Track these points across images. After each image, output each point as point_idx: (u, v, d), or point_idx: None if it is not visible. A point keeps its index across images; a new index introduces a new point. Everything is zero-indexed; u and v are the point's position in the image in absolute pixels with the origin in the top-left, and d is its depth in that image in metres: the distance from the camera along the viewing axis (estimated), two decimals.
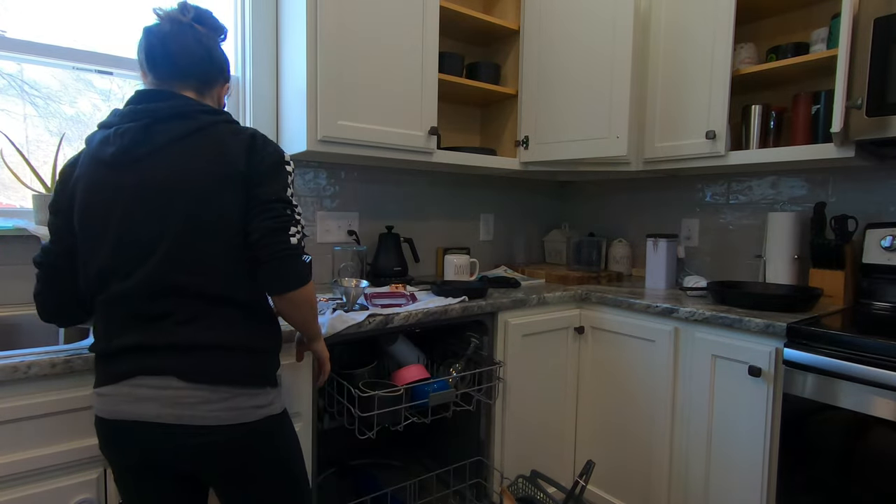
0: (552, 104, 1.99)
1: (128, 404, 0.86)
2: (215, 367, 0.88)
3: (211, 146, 0.90)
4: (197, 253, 0.89)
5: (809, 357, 1.28)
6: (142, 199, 0.88)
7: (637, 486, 1.74)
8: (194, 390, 0.87)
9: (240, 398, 0.90)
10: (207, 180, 0.89)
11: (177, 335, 0.88)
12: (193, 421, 0.87)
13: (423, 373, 1.51)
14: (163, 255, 0.87)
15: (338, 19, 1.56)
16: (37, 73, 1.51)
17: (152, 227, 0.88)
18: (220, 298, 0.91)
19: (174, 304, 0.88)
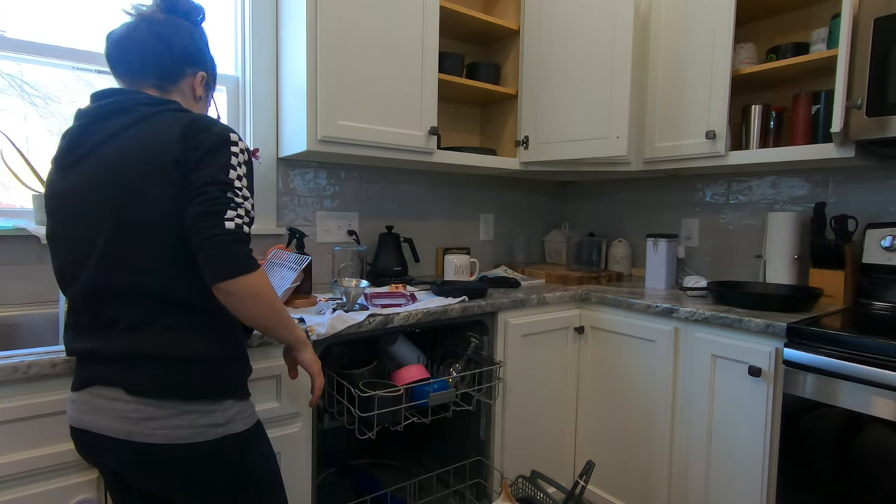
0: (552, 104, 1.99)
1: (87, 413, 0.83)
2: (162, 380, 0.81)
3: (146, 137, 0.83)
4: (135, 252, 0.81)
5: (809, 357, 1.28)
6: (79, 200, 0.84)
7: (637, 486, 1.74)
8: (140, 405, 0.80)
9: (190, 415, 0.81)
10: (139, 173, 0.81)
11: (122, 343, 0.81)
12: (140, 438, 0.80)
13: (423, 373, 1.51)
14: (99, 257, 0.82)
15: (338, 19, 1.56)
16: (37, 73, 1.51)
17: (89, 228, 0.83)
18: (167, 300, 0.83)
19: (120, 308, 0.82)
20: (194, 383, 0.83)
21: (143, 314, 0.82)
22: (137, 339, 0.82)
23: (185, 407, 0.81)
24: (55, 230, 0.88)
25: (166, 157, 0.82)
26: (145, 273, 0.82)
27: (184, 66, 0.95)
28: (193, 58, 0.96)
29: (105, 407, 0.82)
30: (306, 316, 1.33)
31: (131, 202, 0.81)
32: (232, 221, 0.81)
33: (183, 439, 0.81)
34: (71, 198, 0.85)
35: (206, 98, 1.01)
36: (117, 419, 0.81)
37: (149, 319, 0.82)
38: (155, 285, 0.82)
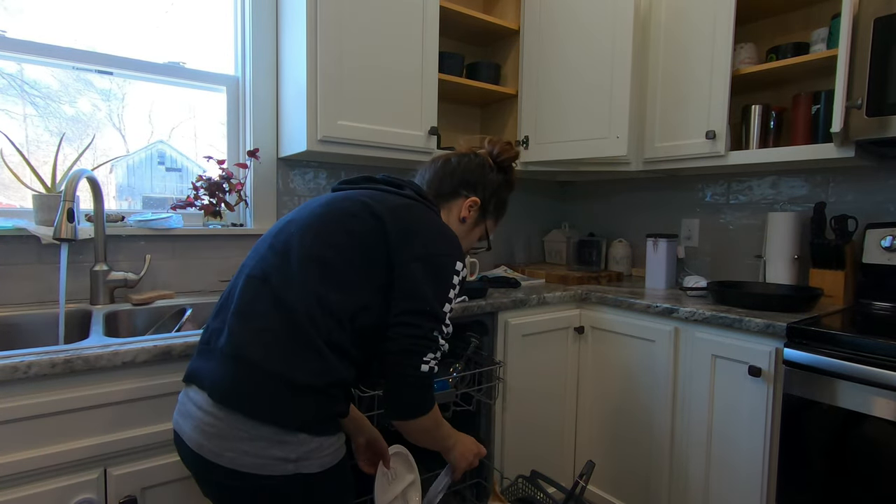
0: (552, 104, 1.99)
1: (181, 417, 0.86)
2: (249, 394, 0.77)
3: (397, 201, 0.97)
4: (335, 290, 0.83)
5: (809, 357, 1.28)
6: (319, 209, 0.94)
7: (637, 486, 1.74)
8: (215, 419, 0.78)
9: (262, 443, 0.75)
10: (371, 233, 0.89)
11: (241, 338, 0.81)
12: (210, 456, 0.78)
13: None
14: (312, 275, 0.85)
15: (337, 19, 1.56)
16: (37, 73, 1.51)
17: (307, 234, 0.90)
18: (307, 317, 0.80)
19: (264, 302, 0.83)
20: (289, 409, 0.77)
21: (277, 316, 0.82)
22: (254, 339, 0.80)
23: (257, 431, 0.76)
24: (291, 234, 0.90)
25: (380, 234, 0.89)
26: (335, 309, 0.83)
27: (460, 188, 1.10)
28: (472, 185, 1.10)
29: (190, 413, 0.83)
30: None
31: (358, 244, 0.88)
32: (427, 365, 0.85)
33: (248, 468, 0.76)
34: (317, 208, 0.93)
35: (472, 222, 1.12)
36: (195, 429, 0.81)
37: (275, 322, 0.81)
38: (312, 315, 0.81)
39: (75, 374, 0.97)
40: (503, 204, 1.17)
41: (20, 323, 1.32)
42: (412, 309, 0.85)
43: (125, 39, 1.62)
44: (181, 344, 1.07)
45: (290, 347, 0.79)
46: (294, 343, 0.79)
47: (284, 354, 0.79)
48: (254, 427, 0.76)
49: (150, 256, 1.60)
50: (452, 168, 1.10)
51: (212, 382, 0.80)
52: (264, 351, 0.79)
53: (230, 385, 0.78)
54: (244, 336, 0.81)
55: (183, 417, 0.85)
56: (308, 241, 0.87)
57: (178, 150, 1.81)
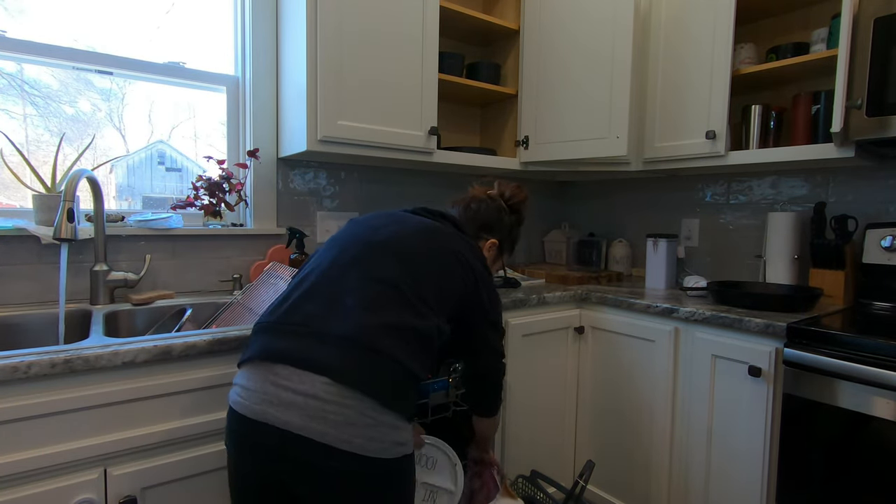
0: (552, 104, 1.99)
1: (273, 407, 0.82)
2: (376, 379, 0.84)
3: (472, 253, 1.11)
4: (431, 279, 0.98)
5: (809, 357, 1.28)
6: (419, 227, 1.07)
7: (637, 486, 1.74)
8: (340, 406, 0.81)
9: (384, 428, 0.84)
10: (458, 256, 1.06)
11: (348, 325, 0.86)
12: (338, 444, 0.81)
13: None
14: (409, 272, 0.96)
15: (338, 19, 1.56)
16: (37, 73, 1.51)
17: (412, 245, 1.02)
18: (418, 312, 0.92)
19: (373, 287, 0.91)
20: (404, 395, 0.87)
21: (392, 303, 0.91)
22: (366, 316, 0.87)
23: (379, 416, 0.83)
24: (378, 234, 1.02)
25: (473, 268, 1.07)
26: (425, 294, 0.96)
27: (481, 232, 1.28)
28: (491, 228, 1.28)
29: (295, 402, 0.82)
30: None
31: (453, 263, 1.04)
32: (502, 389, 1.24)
33: (375, 453, 0.83)
34: (416, 225, 1.07)
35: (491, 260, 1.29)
36: (311, 419, 0.81)
37: (389, 307, 0.90)
38: (417, 313, 0.93)
39: (75, 374, 0.97)
40: (516, 240, 1.36)
41: (20, 323, 1.32)
42: (494, 349, 1.17)
43: (125, 39, 1.62)
44: (181, 344, 1.07)
45: (416, 346, 0.90)
46: (419, 343, 0.91)
47: (413, 352, 0.89)
48: (381, 413, 0.83)
49: (150, 256, 1.60)
50: (473, 214, 1.28)
51: (338, 367, 0.83)
52: (396, 345, 0.87)
53: (359, 371, 0.83)
54: (376, 329, 0.87)
55: (276, 404, 0.82)
56: (423, 266, 1.00)
57: (178, 150, 1.81)
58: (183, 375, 1.08)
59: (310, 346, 0.85)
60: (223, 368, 1.13)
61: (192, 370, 1.10)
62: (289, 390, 0.83)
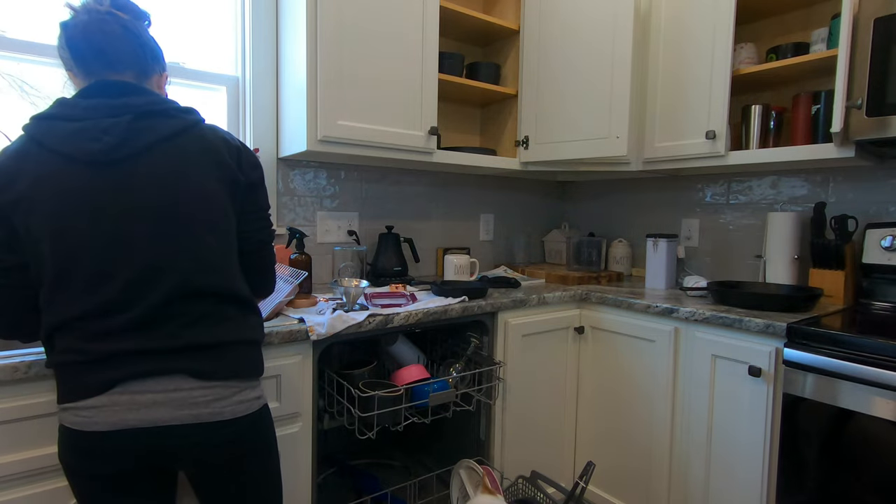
0: (552, 104, 1.99)
1: (132, 412, 0.83)
2: (228, 364, 0.90)
3: (204, 149, 0.93)
4: (206, 253, 0.90)
5: (809, 357, 1.28)
6: (141, 199, 0.85)
7: (637, 486, 1.74)
8: (207, 388, 0.87)
9: (246, 391, 0.93)
10: (210, 183, 0.91)
11: (183, 338, 0.87)
12: (212, 418, 0.88)
13: (423, 373, 1.51)
14: (175, 257, 0.87)
15: (338, 19, 1.56)
16: (37, 73, 1.51)
17: (156, 228, 0.86)
18: (227, 296, 0.93)
19: (180, 307, 0.87)
20: (249, 365, 0.94)
21: (205, 309, 0.90)
22: (201, 330, 0.89)
23: (243, 384, 0.92)
24: (72, 232, 0.83)
25: (231, 173, 0.95)
26: (215, 272, 0.92)
27: (154, 64, 0.97)
28: (160, 57, 0.99)
29: (159, 400, 0.84)
30: (306, 316, 1.33)
31: (208, 208, 0.91)
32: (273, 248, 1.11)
33: (243, 412, 0.91)
34: (123, 196, 0.85)
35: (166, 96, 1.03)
36: (181, 407, 0.85)
37: (209, 313, 0.90)
38: (221, 282, 0.92)
39: None
40: None
41: None
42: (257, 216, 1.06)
43: None
44: None
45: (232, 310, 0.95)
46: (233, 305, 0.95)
47: (237, 319, 0.95)
48: (241, 382, 0.92)
49: None
50: (140, 39, 0.93)
51: (185, 368, 0.87)
52: (218, 327, 0.92)
53: (204, 365, 0.88)
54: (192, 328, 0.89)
55: (136, 408, 0.83)
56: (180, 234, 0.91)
57: None
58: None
59: (146, 363, 0.84)
60: None
61: None
62: (146, 393, 0.84)
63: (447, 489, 1.77)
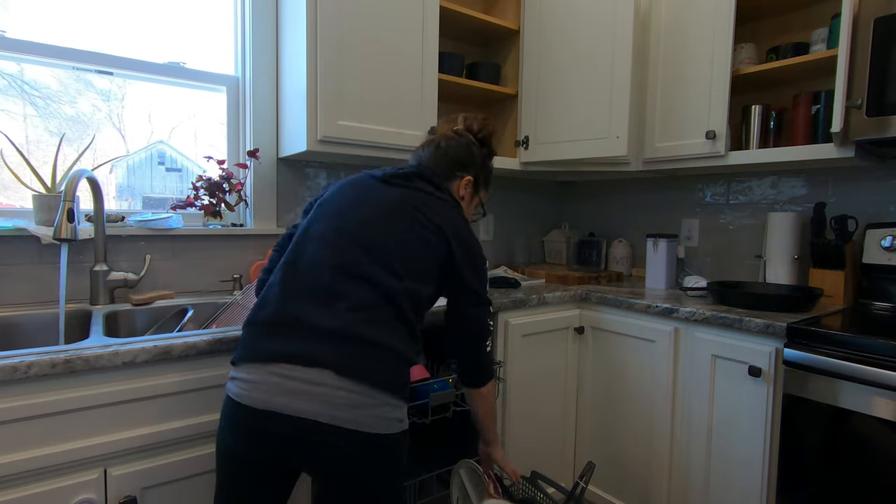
0: (552, 104, 1.99)
1: (281, 396, 0.86)
2: (371, 367, 0.90)
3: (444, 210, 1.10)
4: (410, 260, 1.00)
5: (809, 357, 1.28)
6: (392, 208, 1.05)
7: (637, 486, 1.74)
8: (347, 392, 0.87)
9: (386, 408, 0.91)
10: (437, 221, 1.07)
11: (348, 323, 0.90)
12: (346, 424, 0.87)
13: (423, 373, 1.50)
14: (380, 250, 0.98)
15: (338, 19, 1.56)
16: (37, 73, 1.51)
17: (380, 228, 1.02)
18: (394, 300, 0.96)
19: (353, 287, 0.94)
20: (395, 378, 0.93)
21: (371, 300, 0.94)
22: (359, 320, 0.92)
23: (384, 399, 0.91)
24: (347, 208, 1.05)
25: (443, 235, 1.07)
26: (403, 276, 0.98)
27: (455, 170, 1.22)
28: (464, 165, 1.22)
29: (303, 390, 0.86)
30: None
31: (426, 230, 1.05)
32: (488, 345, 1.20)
33: (382, 429, 0.90)
34: (381, 204, 1.05)
35: (469, 198, 1.25)
36: (321, 404, 0.86)
37: (373, 304, 0.94)
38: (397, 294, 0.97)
39: (75, 374, 0.98)
40: (490, 173, 1.32)
41: (20, 323, 1.32)
42: (478, 300, 1.13)
43: (125, 39, 1.62)
44: (181, 344, 1.07)
45: (401, 329, 0.96)
46: (403, 326, 0.97)
47: (400, 335, 0.96)
48: (381, 395, 0.90)
49: (150, 256, 1.60)
50: (443, 152, 1.22)
51: (337, 361, 0.88)
52: (383, 333, 0.93)
53: (357, 363, 0.89)
54: (362, 324, 0.92)
55: (284, 392, 0.87)
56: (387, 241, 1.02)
57: (178, 150, 1.81)
58: (183, 375, 1.08)
59: (306, 345, 0.89)
60: (223, 369, 1.13)
61: (193, 370, 1.10)
62: (295, 380, 0.87)
63: (447, 489, 1.76)
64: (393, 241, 1.01)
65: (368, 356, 0.90)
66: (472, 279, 1.11)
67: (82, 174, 1.29)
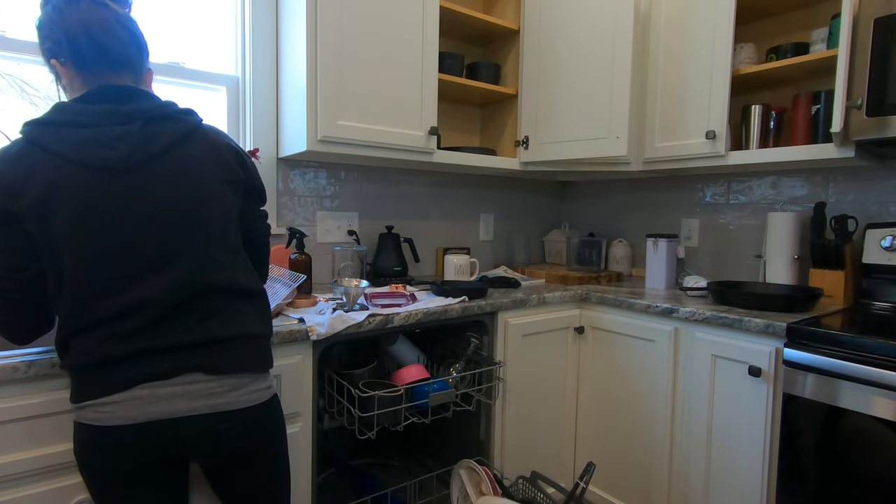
0: (552, 104, 1.99)
1: (152, 405, 0.85)
2: (238, 358, 0.92)
3: (210, 151, 0.95)
4: (220, 252, 0.94)
5: (809, 357, 1.28)
6: (158, 204, 0.87)
7: (637, 486, 1.74)
8: (220, 380, 0.90)
9: (257, 381, 0.95)
10: (219, 184, 0.95)
11: (196, 332, 0.89)
12: (227, 407, 0.90)
13: (423, 373, 1.51)
14: (192, 258, 0.90)
15: (338, 19, 1.56)
16: (37, 73, 1.51)
17: (171, 230, 0.88)
18: (237, 292, 0.96)
19: (195, 304, 0.90)
20: (260, 358, 0.97)
21: (218, 304, 0.92)
22: (214, 327, 0.91)
23: (254, 375, 0.95)
24: (93, 238, 0.83)
25: (234, 174, 0.98)
26: (225, 269, 0.94)
27: (146, 62, 0.97)
28: (147, 54, 0.98)
29: (179, 392, 0.87)
30: (306, 316, 1.33)
31: (218, 209, 0.94)
32: None
33: (255, 401, 0.94)
34: (138, 201, 0.86)
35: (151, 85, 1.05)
36: (198, 398, 0.88)
37: (222, 308, 0.93)
38: (231, 278, 0.95)
39: None
40: None
41: None
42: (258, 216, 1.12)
43: None
44: None
45: (244, 305, 0.98)
46: (244, 300, 0.98)
47: (247, 314, 0.97)
48: (253, 373, 0.95)
49: None
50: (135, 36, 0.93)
51: (199, 365, 0.89)
52: (230, 321, 0.94)
53: (221, 359, 0.91)
54: (209, 323, 0.92)
55: (156, 401, 0.84)
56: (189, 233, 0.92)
57: None
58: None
59: (162, 363, 0.86)
60: None
61: None
62: (165, 386, 0.86)
63: (447, 489, 1.76)
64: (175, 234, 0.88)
65: (230, 350, 0.92)
66: (261, 190, 1.08)
67: None
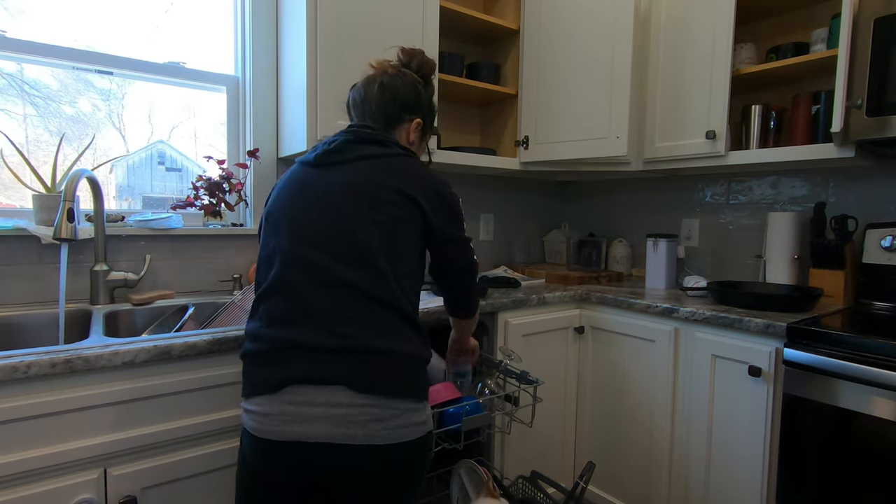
0: (552, 104, 1.99)
1: (297, 425, 0.84)
2: (386, 377, 0.87)
3: (388, 167, 0.99)
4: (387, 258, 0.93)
5: (809, 357, 1.28)
6: (340, 194, 0.95)
7: (637, 486, 1.74)
8: (365, 407, 0.85)
9: (407, 414, 0.88)
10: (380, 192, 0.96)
11: (348, 337, 0.87)
12: (366, 440, 0.85)
13: (453, 392, 1.34)
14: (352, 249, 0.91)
15: (338, 19, 1.56)
16: (37, 73, 1.51)
17: (342, 219, 0.93)
18: (388, 301, 0.91)
19: (344, 297, 0.89)
20: (411, 383, 0.90)
21: (367, 308, 0.89)
22: (364, 333, 0.87)
23: (404, 406, 0.88)
24: (294, 213, 0.96)
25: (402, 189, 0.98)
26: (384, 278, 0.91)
27: (403, 113, 1.11)
28: (412, 107, 1.12)
29: (320, 414, 0.84)
30: None
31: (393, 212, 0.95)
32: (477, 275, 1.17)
33: (401, 438, 0.87)
34: (326, 190, 0.96)
35: (417, 142, 1.16)
36: (339, 425, 0.84)
37: (371, 312, 0.89)
38: (386, 292, 0.91)
39: (75, 374, 0.98)
40: (435, 115, 1.23)
41: (20, 323, 1.32)
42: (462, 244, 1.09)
43: (125, 39, 1.62)
44: (181, 344, 1.07)
45: (403, 326, 0.92)
46: (404, 321, 0.93)
47: (405, 335, 0.92)
48: (401, 402, 0.88)
49: (150, 256, 1.60)
50: (390, 93, 1.10)
51: (347, 376, 0.85)
52: (387, 337, 0.89)
53: (368, 374, 0.86)
54: (365, 333, 0.88)
55: (300, 421, 0.85)
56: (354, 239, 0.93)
57: (178, 150, 1.81)
58: (183, 375, 1.08)
59: (312, 366, 0.87)
60: (223, 368, 1.13)
61: (192, 370, 1.10)
62: (309, 405, 0.85)
63: (447, 489, 1.76)
64: (360, 236, 0.92)
65: (379, 367, 0.87)
66: (454, 231, 1.05)
67: (82, 174, 1.29)
